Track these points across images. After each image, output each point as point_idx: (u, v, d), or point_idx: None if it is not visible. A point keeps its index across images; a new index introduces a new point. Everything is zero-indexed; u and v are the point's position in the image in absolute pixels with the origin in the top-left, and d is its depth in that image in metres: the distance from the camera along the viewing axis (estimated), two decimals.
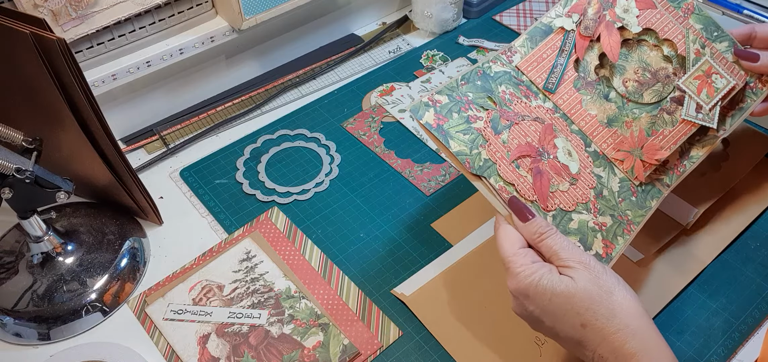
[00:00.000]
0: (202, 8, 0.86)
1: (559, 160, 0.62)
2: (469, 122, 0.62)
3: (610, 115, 0.66)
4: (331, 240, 0.74)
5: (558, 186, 0.61)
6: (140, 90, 0.86)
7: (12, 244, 0.71)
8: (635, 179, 0.63)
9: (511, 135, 0.62)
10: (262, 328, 0.66)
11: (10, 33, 0.59)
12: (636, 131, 0.65)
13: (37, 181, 0.61)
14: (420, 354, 0.64)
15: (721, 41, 0.68)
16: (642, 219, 0.62)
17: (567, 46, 0.67)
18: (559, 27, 0.68)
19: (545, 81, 0.66)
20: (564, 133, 0.64)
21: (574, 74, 0.67)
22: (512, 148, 0.62)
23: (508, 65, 0.67)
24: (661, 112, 0.66)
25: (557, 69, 0.67)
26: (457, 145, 0.61)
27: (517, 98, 0.65)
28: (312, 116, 0.90)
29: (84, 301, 0.67)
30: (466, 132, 0.62)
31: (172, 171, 0.84)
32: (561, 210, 0.60)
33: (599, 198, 0.61)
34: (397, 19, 1.07)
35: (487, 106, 0.64)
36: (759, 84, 0.67)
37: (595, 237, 0.59)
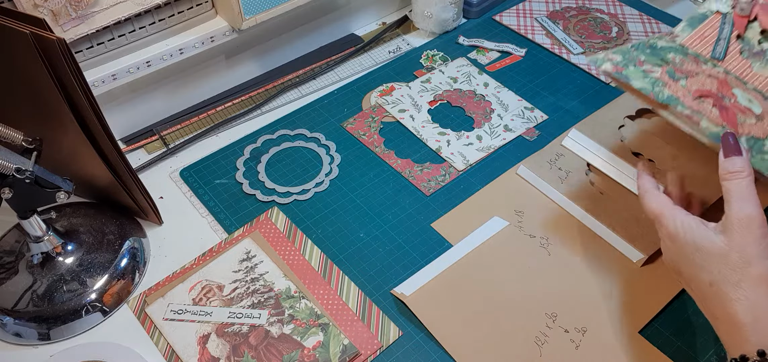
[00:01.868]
0: (202, 8, 0.86)
1: (740, 104, 0.63)
2: (645, 73, 0.65)
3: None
4: (331, 240, 0.74)
5: (746, 120, 0.62)
6: (140, 90, 0.86)
7: (12, 244, 0.71)
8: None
9: (689, 83, 0.64)
10: (262, 328, 0.66)
11: (10, 33, 0.59)
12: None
13: (37, 180, 0.61)
14: (420, 354, 0.64)
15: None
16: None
17: (727, 24, 0.69)
18: (715, 11, 0.70)
19: (712, 51, 0.68)
20: (740, 88, 0.65)
21: (738, 46, 0.68)
22: (692, 90, 0.63)
23: (673, 42, 0.69)
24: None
25: (722, 41, 0.68)
26: (640, 83, 0.64)
27: (688, 62, 0.67)
28: (312, 116, 0.90)
29: (84, 301, 0.67)
30: (644, 77, 0.64)
31: (172, 171, 0.84)
32: (752, 137, 0.61)
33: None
34: (397, 19, 1.07)
35: (660, 63, 0.66)
36: None
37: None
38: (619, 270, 0.70)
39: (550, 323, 0.65)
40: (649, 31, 1.02)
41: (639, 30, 1.03)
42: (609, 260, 0.71)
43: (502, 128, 0.87)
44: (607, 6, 1.08)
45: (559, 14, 1.07)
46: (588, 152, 0.80)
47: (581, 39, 1.01)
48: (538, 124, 0.88)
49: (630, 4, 1.08)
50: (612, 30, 1.03)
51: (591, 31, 1.03)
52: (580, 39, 1.01)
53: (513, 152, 0.84)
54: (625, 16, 1.06)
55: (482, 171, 0.81)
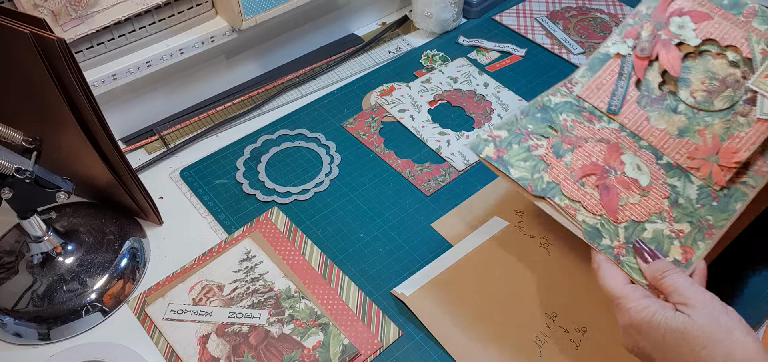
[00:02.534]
0: (202, 8, 0.86)
1: (627, 175, 0.62)
2: (529, 151, 0.64)
3: (680, 127, 0.65)
4: (331, 240, 0.74)
5: (628, 199, 0.61)
6: (140, 90, 0.86)
7: (12, 244, 0.71)
8: (715, 184, 0.62)
9: (574, 157, 0.63)
10: (262, 328, 0.66)
11: (10, 33, 0.59)
12: (709, 138, 0.64)
13: (37, 180, 0.61)
14: (420, 354, 0.64)
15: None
16: (725, 223, 0.60)
17: (626, 69, 0.68)
18: (615, 53, 0.69)
19: (608, 104, 0.67)
20: (632, 150, 0.64)
21: (637, 94, 0.67)
22: (576, 169, 0.62)
23: (569, 95, 0.68)
24: (734, 117, 0.64)
25: (619, 91, 0.67)
26: (518, 172, 0.62)
27: (580, 123, 0.65)
28: (312, 116, 0.90)
29: (84, 301, 0.67)
30: (526, 159, 0.63)
31: (172, 171, 0.84)
32: (633, 221, 0.60)
33: (674, 207, 0.61)
34: (397, 19, 1.07)
35: (548, 134, 0.65)
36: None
37: (672, 244, 0.59)
38: None
39: (550, 323, 0.65)
40: None
41: None
42: None
43: None
44: (607, 6, 1.08)
45: (559, 14, 1.07)
46: None
47: (581, 39, 1.01)
48: None
49: (630, 4, 1.08)
50: (612, 30, 1.03)
51: (591, 31, 1.03)
52: (580, 39, 1.01)
53: None
54: (625, 16, 1.05)
55: (482, 171, 0.81)
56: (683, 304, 0.53)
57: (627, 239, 0.59)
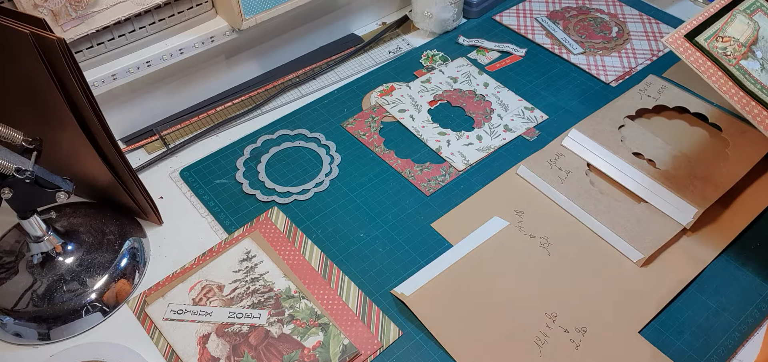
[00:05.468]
0: (202, 8, 0.86)
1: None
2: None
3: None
4: (331, 240, 0.74)
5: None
6: (140, 90, 0.86)
7: (12, 244, 0.71)
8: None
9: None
10: (262, 328, 0.66)
11: (10, 33, 0.59)
12: None
13: (37, 181, 0.61)
14: (420, 354, 0.64)
15: None
16: None
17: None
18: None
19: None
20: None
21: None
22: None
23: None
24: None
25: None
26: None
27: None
28: (312, 116, 0.90)
29: (84, 301, 0.67)
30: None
31: (172, 171, 0.84)
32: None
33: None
34: (397, 19, 1.07)
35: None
36: None
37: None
38: (619, 270, 0.70)
39: (550, 323, 0.65)
40: (649, 31, 1.02)
41: (639, 30, 1.03)
42: (609, 260, 0.71)
43: (502, 128, 0.87)
44: (607, 6, 1.08)
45: (559, 14, 1.07)
46: (588, 152, 0.80)
47: (581, 39, 1.01)
48: (538, 124, 0.88)
49: (630, 4, 1.08)
50: (612, 30, 1.03)
51: (591, 31, 1.03)
52: (580, 39, 1.01)
53: (513, 152, 0.84)
54: (625, 16, 1.06)
55: (482, 171, 0.81)
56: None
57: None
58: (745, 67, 0.67)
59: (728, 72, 0.67)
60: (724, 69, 0.67)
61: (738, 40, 0.68)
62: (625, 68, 0.96)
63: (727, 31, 0.69)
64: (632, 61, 0.97)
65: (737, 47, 0.67)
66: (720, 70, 0.67)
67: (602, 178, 0.78)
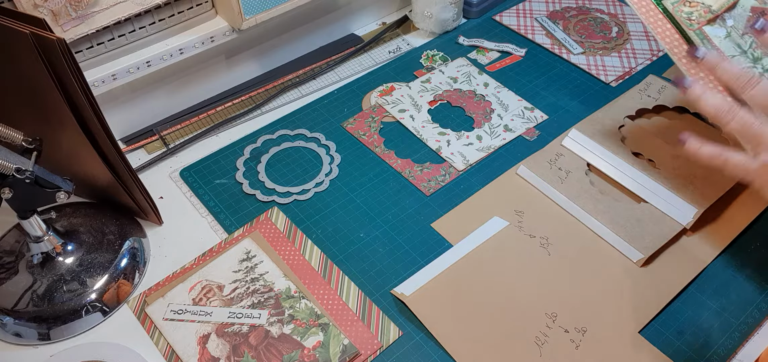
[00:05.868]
0: (202, 8, 0.86)
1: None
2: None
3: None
4: (331, 240, 0.74)
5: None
6: (140, 90, 0.86)
7: (12, 244, 0.71)
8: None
9: None
10: (262, 328, 0.66)
11: (10, 33, 0.59)
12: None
13: (37, 181, 0.61)
14: (420, 354, 0.64)
15: None
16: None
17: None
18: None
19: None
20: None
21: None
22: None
23: None
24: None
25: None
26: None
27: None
28: (312, 116, 0.90)
29: (84, 301, 0.67)
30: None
31: (172, 171, 0.84)
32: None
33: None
34: (397, 19, 1.07)
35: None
36: None
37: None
38: (619, 270, 0.70)
39: (550, 323, 0.65)
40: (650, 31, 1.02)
41: (639, 30, 1.03)
42: (609, 260, 0.71)
43: (502, 128, 0.87)
44: (607, 6, 1.08)
45: (559, 14, 1.07)
46: (588, 152, 0.80)
47: (581, 39, 1.01)
48: (538, 124, 0.88)
49: None
50: (612, 30, 1.03)
51: (591, 31, 1.03)
52: (580, 39, 1.01)
53: (513, 152, 0.84)
54: (625, 16, 1.06)
55: (482, 171, 0.81)
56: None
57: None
58: (706, 33, 0.66)
59: (685, 35, 0.66)
60: (681, 31, 0.66)
61: (709, 6, 0.67)
62: (625, 68, 0.96)
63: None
64: (632, 61, 0.97)
65: (703, 12, 0.66)
66: (677, 32, 0.66)
67: (602, 177, 0.78)
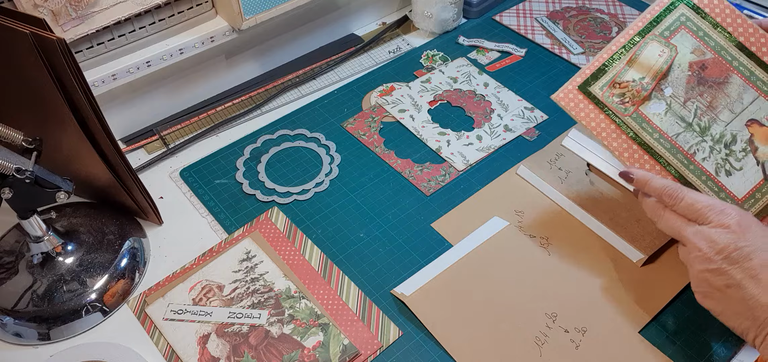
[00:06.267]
0: (202, 8, 0.86)
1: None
2: None
3: None
4: (331, 240, 0.74)
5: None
6: (140, 90, 0.86)
7: (12, 244, 0.71)
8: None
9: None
10: (262, 328, 0.66)
11: (10, 33, 0.59)
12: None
13: (37, 181, 0.61)
14: (420, 354, 0.64)
15: None
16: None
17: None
18: None
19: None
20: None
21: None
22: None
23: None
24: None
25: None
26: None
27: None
28: (312, 116, 0.90)
29: (84, 301, 0.67)
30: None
31: (172, 171, 0.84)
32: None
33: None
34: (397, 19, 1.07)
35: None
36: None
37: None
38: (619, 270, 0.70)
39: (550, 323, 0.65)
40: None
41: None
42: (609, 260, 0.71)
43: (502, 128, 0.87)
44: (607, 6, 1.08)
45: (559, 14, 1.07)
46: (588, 152, 0.80)
47: (581, 39, 1.01)
48: (538, 124, 0.88)
49: (630, 4, 1.08)
50: (612, 30, 1.03)
51: (591, 31, 1.03)
52: (580, 39, 1.01)
53: (513, 152, 0.84)
54: (625, 16, 1.06)
55: (482, 171, 0.81)
56: (725, 225, 0.56)
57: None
58: (644, 114, 0.65)
59: (622, 124, 0.65)
60: (617, 122, 0.66)
61: (641, 81, 0.65)
62: None
63: (628, 74, 0.66)
64: None
65: (636, 92, 0.65)
66: (613, 123, 0.65)
67: (602, 177, 0.78)
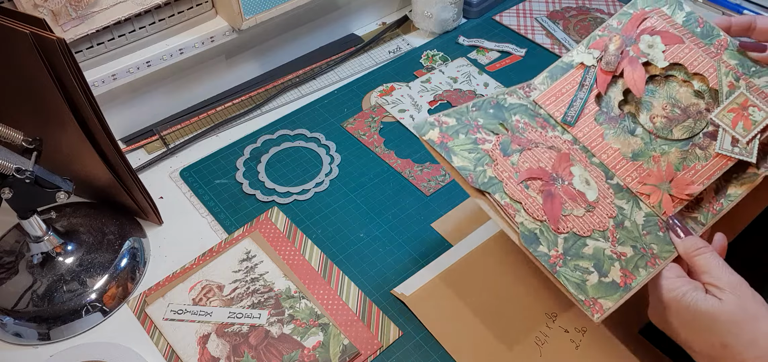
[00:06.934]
0: (202, 8, 0.86)
1: (574, 187, 0.60)
2: (476, 143, 0.61)
3: (635, 150, 0.63)
4: (331, 240, 0.74)
5: (572, 211, 0.59)
6: (140, 90, 0.86)
7: (12, 244, 0.71)
8: (663, 214, 0.60)
9: (521, 159, 0.61)
10: (262, 328, 0.66)
11: (10, 33, 0.59)
12: (664, 165, 0.62)
13: (37, 181, 0.61)
14: (420, 354, 0.64)
15: (760, 76, 0.64)
16: (669, 256, 0.58)
17: (587, 81, 0.66)
18: (579, 62, 0.67)
19: (564, 114, 0.65)
20: (582, 163, 0.62)
21: (595, 108, 0.65)
22: (522, 170, 0.60)
23: (526, 99, 0.66)
24: (692, 148, 0.62)
25: (577, 102, 0.65)
26: (461, 161, 0.60)
27: (532, 127, 0.63)
28: (312, 116, 0.90)
29: (84, 301, 0.67)
30: (471, 151, 0.60)
31: (172, 171, 0.84)
32: (574, 234, 0.58)
33: (619, 229, 0.59)
34: (397, 19, 1.07)
35: (497, 130, 0.62)
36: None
37: (612, 266, 0.57)
38: None
39: (550, 323, 0.65)
40: None
41: None
42: None
43: None
44: (607, 6, 1.08)
45: (559, 14, 1.07)
46: None
47: (581, 39, 1.01)
48: None
49: None
50: None
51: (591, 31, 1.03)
52: (580, 39, 1.01)
53: None
54: None
55: None
56: (714, 286, 0.54)
57: (565, 251, 0.57)
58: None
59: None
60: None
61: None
62: None
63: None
64: None
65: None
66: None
67: None
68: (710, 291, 0.54)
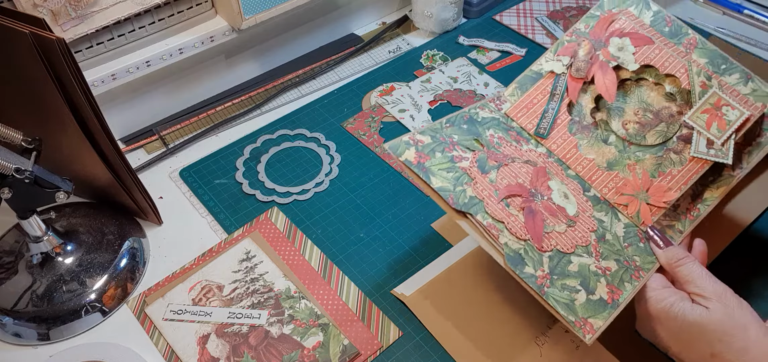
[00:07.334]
0: (202, 8, 0.86)
1: (554, 202, 0.59)
2: (453, 161, 0.60)
3: (610, 159, 0.62)
4: (331, 240, 0.74)
5: (554, 227, 0.58)
6: (140, 90, 0.86)
7: (12, 244, 0.71)
8: (642, 225, 0.60)
9: (499, 175, 0.60)
10: (261, 328, 0.65)
11: (10, 33, 0.59)
12: (640, 173, 0.61)
13: (37, 181, 0.61)
14: (420, 354, 0.64)
15: (731, 73, 0.63)
16: (652, 267, 0.58)
17: (558, 90, 0.65)
18: (548, 71, 0.66)
19: (536, 126, 0.64)
20: (559, 177, 0.61)
21: (568, 118, 0.64)
22: (501, 187, 0.59)
23: (497, 112, 0.65)
24: (667, 153, 0.61)
25: (549, 114, 0.64)
26: (440, 182, 0.59)
27: (507, 142, 0.62)
28: (312, 116, 0.90)
29: (83, 301, 0.67)
30: (449, 170, 0.60)
31: (171, 171, 0.84)
32: (558, 251, 0.57)
33: (601, 242, 0.58)
34: (397, 19, 1.07)
35: (473, 147, 0.61)
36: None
37: (598, 282, 0.56)
38: None
39: (550, 323, 0.65)
40: None
41: None
42: None
43: None
44: None
45: (559, 14, 1.07)
46: None
47: None
48: None
49: None
50: None
51: None
52: None
53: None
54: None
55: None
56: (699, 295, 0.54)
57: (551, 270, 0.56)
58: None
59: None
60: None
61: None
62: None
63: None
64: None
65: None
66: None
67: None
68: (696, 301, 0.54)
